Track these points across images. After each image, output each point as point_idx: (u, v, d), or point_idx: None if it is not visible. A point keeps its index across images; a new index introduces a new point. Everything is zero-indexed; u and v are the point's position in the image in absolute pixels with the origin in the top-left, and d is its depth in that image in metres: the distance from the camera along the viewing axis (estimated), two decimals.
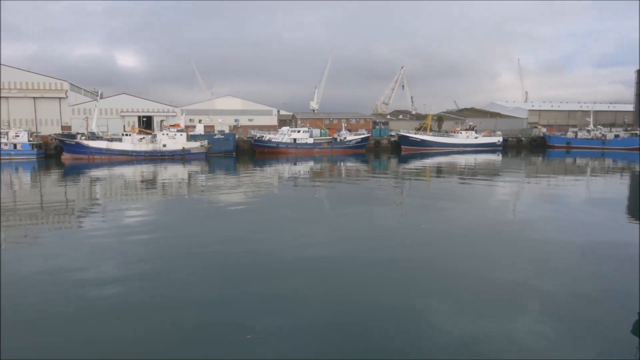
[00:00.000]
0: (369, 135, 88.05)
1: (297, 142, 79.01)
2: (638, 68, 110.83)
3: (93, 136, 68.17)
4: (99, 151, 64.73)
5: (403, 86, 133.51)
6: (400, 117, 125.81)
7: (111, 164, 57.97)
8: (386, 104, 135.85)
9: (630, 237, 18.99)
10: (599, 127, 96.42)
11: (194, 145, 70.12)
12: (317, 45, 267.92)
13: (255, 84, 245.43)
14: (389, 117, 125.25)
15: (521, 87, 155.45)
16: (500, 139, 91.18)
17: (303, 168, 54.66)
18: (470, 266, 14.61)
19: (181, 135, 69.68)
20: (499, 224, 21.52)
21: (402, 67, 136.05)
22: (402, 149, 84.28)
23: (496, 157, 70.94)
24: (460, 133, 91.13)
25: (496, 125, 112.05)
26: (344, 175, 47.09)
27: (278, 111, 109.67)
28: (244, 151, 79.86)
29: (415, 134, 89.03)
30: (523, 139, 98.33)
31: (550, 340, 9.66)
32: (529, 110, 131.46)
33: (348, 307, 11.42)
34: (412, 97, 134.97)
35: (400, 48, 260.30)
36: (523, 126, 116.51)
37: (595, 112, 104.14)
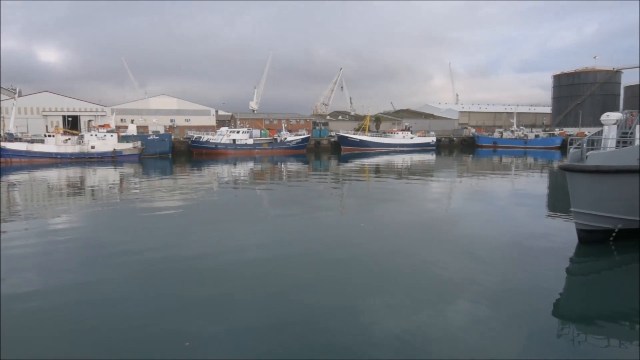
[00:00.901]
0: (309, 135, 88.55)
1: (237, 142, 77.68)
2: (554, 74, 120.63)
3: (11, 137, 62.61)
4: (18, 154, 59.50)
5: (342, 87, 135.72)
6: (340, 117, 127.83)
7: (32, 167, 53.52)
8: (326, 105, 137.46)
9: (549, 228, 20.61)
10: (522, 127, 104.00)
11: (125, 146, 66.63)
12: (256, 45, 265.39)
13: (192, 83, 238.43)
14: (328, 117, 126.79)
15: (452, 90, 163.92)
16: (434, 139, 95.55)
17: (243, 169, 53.81)
18: (406, 262, 15.07)
19: (112, 136, 65.92)
20: (433, 220, 22.41)
21: (341, 69, 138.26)
22: (342, 149, 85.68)
23: (430, 157, 74.10)
24: (397, 133, 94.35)
25: (430, 126, 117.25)
26: (284, 176, 46.92)
27: (216, 111, 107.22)
28: (180, 152, 77.18)
29: (354, 134, 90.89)
30: (455, 139, 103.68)
31: (483, 327, 10.19)
32: (460, 111, 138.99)
33: (287, 308, 11.30)
34: (350, 98, 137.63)
35: (338, 50, 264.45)
36: (454, 127, 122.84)
37: (518, 114, 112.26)
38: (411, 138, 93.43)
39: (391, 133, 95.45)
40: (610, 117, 19.37)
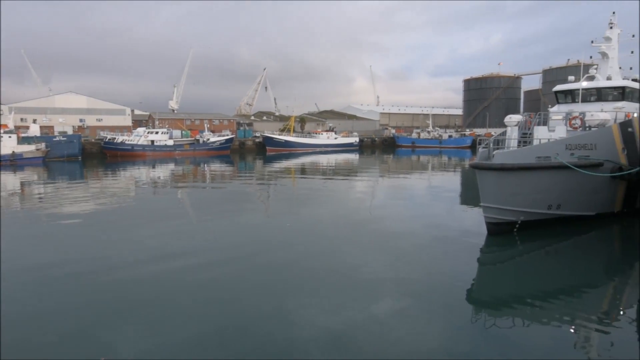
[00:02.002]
0: (233, 136, 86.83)
1: (155, 144, 73.93)
2: (464, 78, 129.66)
3: None
4: None
5: (266, 88, 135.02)
6: (265, 118, 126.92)
7: None
8: (250, 105, 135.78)
9: (463, 222, 22.09)
10: (437, 128, 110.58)
11: (27, 148, 60.56)
12: (174, 42, 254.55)
13: (104, 81, 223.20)
14: (253, 118, 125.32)
15: (374, 92, 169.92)
16: (357, 139, 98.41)
17: (163, 172, 51.27)
18: (333, 262, 15.28)
19: (10, 137, 59.51)
20: (357, 219, 22.98)
21: (264, 69, 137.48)
22: (267, 150, 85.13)
23: (354, 157, 76.16)
24: (322, 134, 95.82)
25: (353, 126, 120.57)
26: (208, 178, 45.49)
27: (132, 111, 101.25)
28: (92, 155, 71.84)
29: (279, 135, 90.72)
30: (376, 139, 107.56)
31: (406, 320, 10.64)
32: (381, 113, 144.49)
33: (216, 315, 10.92)
34: (275, 99, 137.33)
35: (262, 50, 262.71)
36: (376, 127, 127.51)
37: (433, 115, 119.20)
38: (335, 138, 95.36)
39: (316, 134, 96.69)
40: (513, 119, 21.24)
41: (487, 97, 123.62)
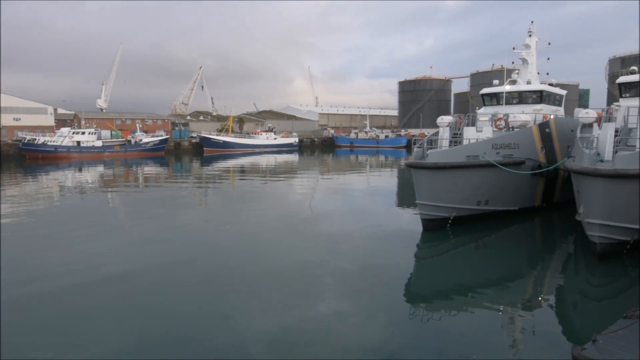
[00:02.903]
0: (167, 137, 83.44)
1: (82, 145, 69.27)
2: (399, 80, 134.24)
3: None
4: None
5: (203, 86, 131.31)
6: (201, 118, 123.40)
7: None
8: (185, 105, 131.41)
9: (400, 219, 22.83)
10: (374, 129, 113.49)
11: None
12: (101, 38, 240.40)
13: (22, 77, 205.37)
14: (189, 118, 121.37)
15: (312, 93, 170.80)
16: (297, 139, 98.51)
17: (91, 175, 48.06)
18: (274, 263, 15.13)
19: None
20: (298, 219, 22.97)
21: (200, 67, 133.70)
22: (205, 151, 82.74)
23: (294, 157, 76.16)
24: (261, 134, 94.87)
25: (292, 127, 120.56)
26: (141, 181, 43.34)
27: (55, 109, 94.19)
28: (9, 157, 65.89)
29: (217, 135, 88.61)
30: (316, 139, 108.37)
31: (350, 315, 10.79)
32: (320, 113, 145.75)
33: (155, 324, 10.37)
34: (212, 98, 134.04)
35: (198, 48, 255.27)
36: (315, 128, 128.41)
37: (371, 116, 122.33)
38: (275, 139, 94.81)
39: (255, 134, 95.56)
40: (444, 120, 22.26)
41: (421, 98, 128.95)
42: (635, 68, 23.76)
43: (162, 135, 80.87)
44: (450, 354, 9.11)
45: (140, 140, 75.71)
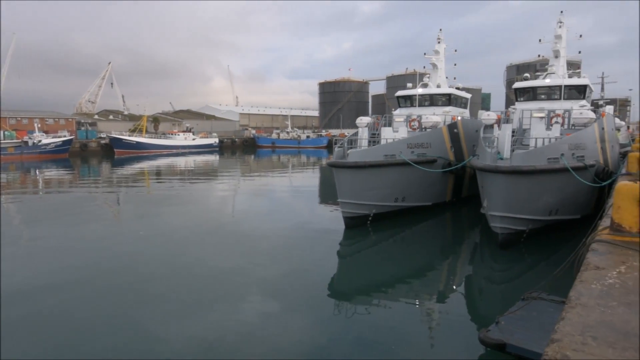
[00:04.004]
0: (72, 137, 76.84)
1: None
2: (319, 81, 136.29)
3: None
4: None
5: (112, 84, 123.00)
6: (111, 117, 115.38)
7: None
8: (93, 103, 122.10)
9: (322, 218, 23.24)
10: (295, 129, 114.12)
11: None
12: None
13: None
14: (97, 117, 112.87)
15: (232, 92, 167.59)
16: (217, 140, 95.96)
17: None
18: (195, 267, 14.60)
19: None
20: (219, 221, 22.42)
21: (109, 63, 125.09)
22: (116, 153, 77.41)
23: (214, 158, 74.15)
24: (178, 135, 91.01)
25: (212, 127, 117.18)
26: (41, 187, 39.44)
27: None
28: None
29: (129, 136, 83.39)
30: (237, 140, 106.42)
31: (275, 317, 10.73)
32: (240, 113, 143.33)
33: (63, 335, 9.48)
34: (123, 96, 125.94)
35: (105, 42, 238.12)
36: (236, 128, 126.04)
37: (292, 116, 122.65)
38: (193, 139, 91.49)
39: (172, 134, 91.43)
40: (363, 121, 23.07)
41: (341, 99, 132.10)
42: (528, 75, 26.48)
43: (65, 136, 74.27)
44: (372, 346, 9.48)
45: (40, 141, 68.85)
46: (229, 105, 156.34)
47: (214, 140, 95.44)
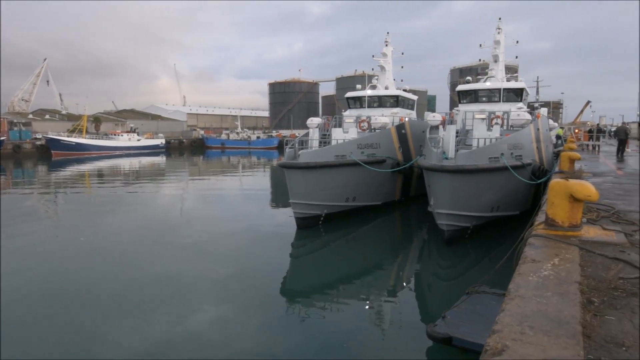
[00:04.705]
0: (3, 138, 71.41)
1: None
2: (269, 82, 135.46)
3: None
4: None
5: (48, 81, 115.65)
6: (48, 117, 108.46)
7: None
8: (26, 101, 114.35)
9: (274, 219, 23.10)
10: (245, 130, 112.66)
11: None
12: None
13: None
14: (31, 116, 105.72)
15: (179, 92, 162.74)
16: (163, 141, 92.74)
17: None
18: (142, 274, 14.03)
19: None
20: (166, 225, 21.68)
21: (45, 59, 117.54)
22: (53, 154, 72.78)
23: (160, 159, 71.67)
24: (122, 135, 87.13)
25: (158, 127, 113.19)
26: None
27: None
28: None
29: (68, 136, 78.74)
30: (184, 140, 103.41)
31: (227, 321, 10.55)
32: (188, 113, 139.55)
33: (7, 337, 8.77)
34: (60, 95, 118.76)
35: (40, 37, 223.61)
36: (183, 129, 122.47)
37: (242, 117, 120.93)
38: (138, 140, 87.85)
39: (115, 135, 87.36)
40: (313, 122, 23.17)
41: (291, 100, 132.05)
42: (470, 78, 27.72)
43: None
44: (324, 345, 9.53)
45: None
46: (176, 105, 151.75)
47: (160, 141, 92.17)
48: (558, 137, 37.46)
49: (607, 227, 7.41)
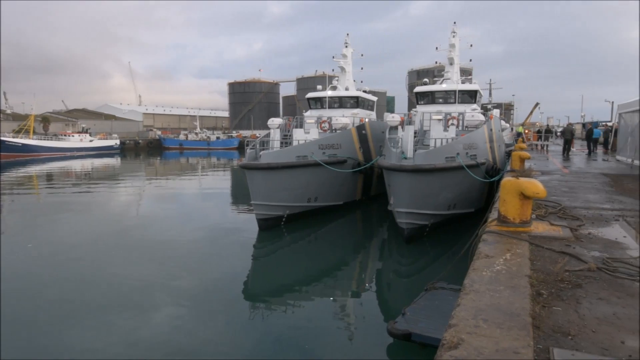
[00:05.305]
0: None
1: None
2: (229, 82, 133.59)
3: None
4: None
5: None
6: None
7: None
8: None
9: (235, 221, 22.82)
10: (205, 130, 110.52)
11: None
12: None
13: None
14: None
15: (135, 91, 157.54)
16: (118, 141, 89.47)
17: None
18: (97, 279, 13.48)
19: None
20: (122, 229, 20.92)
21: None
22: None
23: (115, 161, 69.08)
24: (73, 136, 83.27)
25: (112, 127, 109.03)
26: None
27: None
28: None
29: (14, 137, 74.37)
30: (140, 141, 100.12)
31: (187, 325, 10.28)
32: (144, 113, 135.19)
33: None
34: (5, 93, 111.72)
35: None
36: (139, 129, 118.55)
37: (201, 117, 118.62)
38: (91, 141, 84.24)
39: (65, 135, 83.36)
40: (274, 122, 23.06)
41: (251, 100, 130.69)
42: (427, 80, 28.49)
43: None
44: (286, 345, 9.52)
45: None
46: (131, 104, 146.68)
47: (114, 141, 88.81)
48: (519, 134, 42.03)
49: (554, 223, 7.83)
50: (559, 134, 52.92)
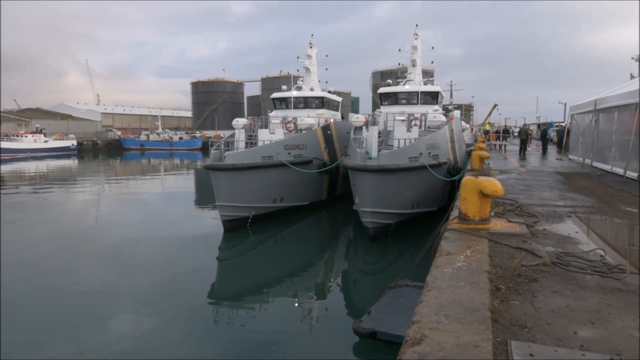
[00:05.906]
0: None
1: None
2: (192, 81, 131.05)
3: None
4: None
5: None
6: None
7: None
8: None
9: (199, 223, 22.39)
10: (167, 130, 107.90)
11: None
12: None
13: None
14: None
15: (92, 90, 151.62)
16: (75, 142, 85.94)
17: None
18: (55, 285, 12.89)
19: None
20: (80, 233, 20.10)
21: None
22: None
23: (72, 162, 66.32)
24: (26, 137, 79.33)
25: (68, 128, 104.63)
26: None
27: None
28: None
29: None
30: (99, 142, 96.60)
31: (149, 330, 10.03)
32: (103, 113, 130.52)
33: None
34: None
35: None
36: (97, 129, 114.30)
37: (163, 117, 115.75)
38: (45, 142, 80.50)
39: (17, 136, 79.31)
40: (239, 122, 22.81)
41: (215, 100, 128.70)
42: (390, 81, 28.94)
43: None
44: (253, 346, 9.44)
45: None
46: (88, 103, 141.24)
47: (71, 142, 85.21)
48: (486, 132, 43.83)
49: (512, 220, 8.14)
50: (516, 134, 55.14)
